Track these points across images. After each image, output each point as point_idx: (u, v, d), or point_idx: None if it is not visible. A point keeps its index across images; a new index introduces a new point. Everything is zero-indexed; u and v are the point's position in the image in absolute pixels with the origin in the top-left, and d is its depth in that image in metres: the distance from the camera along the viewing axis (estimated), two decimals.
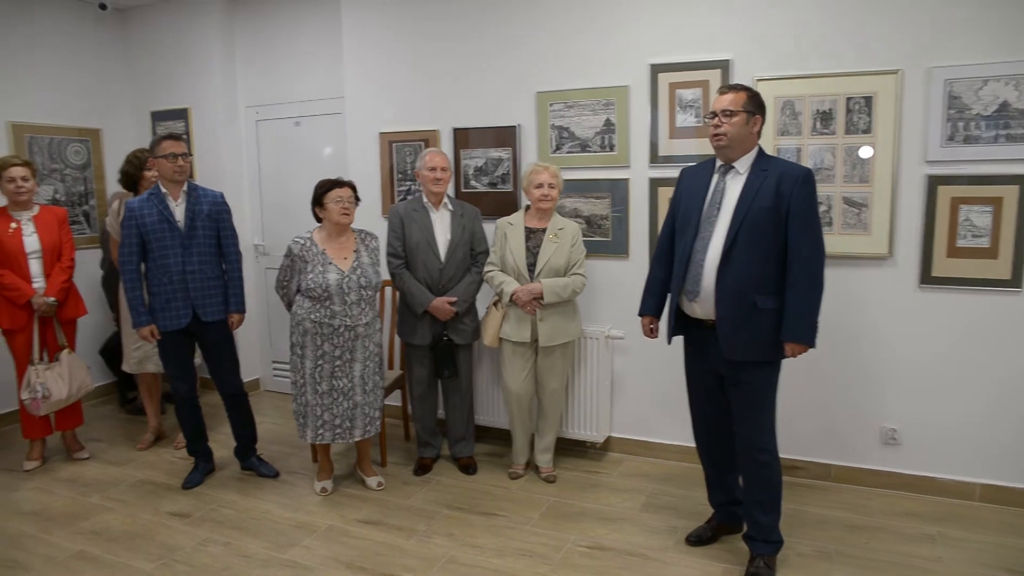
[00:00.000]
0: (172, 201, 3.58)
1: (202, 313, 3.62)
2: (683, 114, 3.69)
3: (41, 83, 4.97)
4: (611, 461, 4.03)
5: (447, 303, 3.69)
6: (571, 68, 3.90)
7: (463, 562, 3.02)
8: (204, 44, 5.14)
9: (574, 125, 3.92)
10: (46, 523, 3.45)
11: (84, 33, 5.23)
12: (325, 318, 3.41)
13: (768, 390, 2.75)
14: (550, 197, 3.56)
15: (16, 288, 3.85)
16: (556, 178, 3.58)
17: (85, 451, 4.28)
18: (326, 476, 3.74)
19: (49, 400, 3.90)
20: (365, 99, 4.50)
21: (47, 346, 4.02)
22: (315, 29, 4.88)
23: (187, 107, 5.27)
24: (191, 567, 3.03)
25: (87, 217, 5.30)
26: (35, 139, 4.96)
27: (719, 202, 2.71)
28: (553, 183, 3.56)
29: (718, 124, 2.66)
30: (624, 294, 3.90)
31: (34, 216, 3.97)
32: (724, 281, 2.64)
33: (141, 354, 4.24)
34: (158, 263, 3.55)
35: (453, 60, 4.19)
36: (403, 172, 4.43)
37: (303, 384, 3.49)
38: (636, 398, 4.03)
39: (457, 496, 3.64)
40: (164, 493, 3.75)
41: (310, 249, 3.44)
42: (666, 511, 3.43)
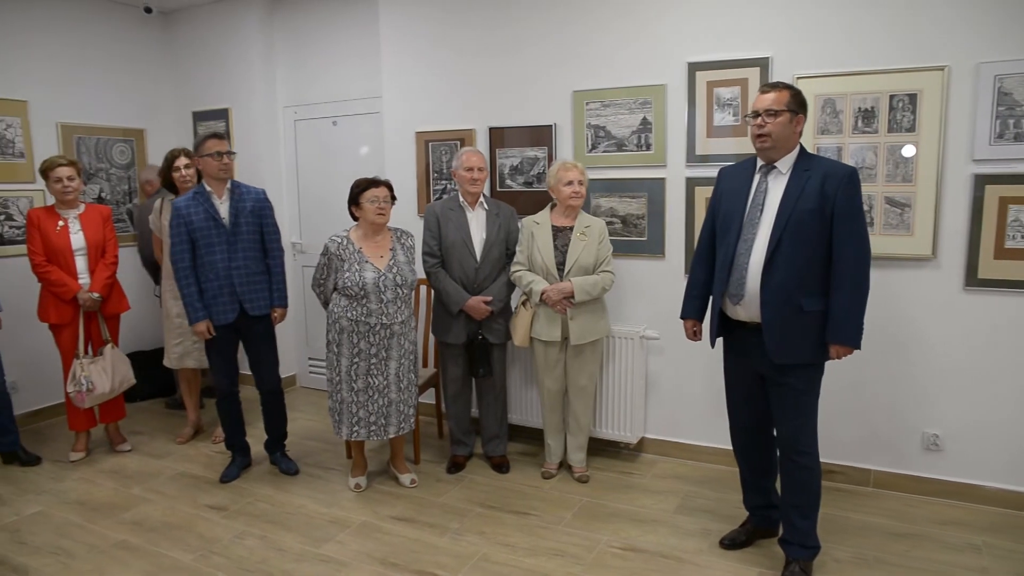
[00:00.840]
0: (217, 199, 3.65)
1: (249, 307, 3.68)
2: (721, 113, 3.64)
3: (88, 85, 5.10)
4: (645, 462, 4.00)
5: (483, 302, 3.69)
6: (608, 67, 3.88)
7: (495, 560, 3.02)
8: (244, 46, 5.23)
9: (610, 124, 3.90)
10: (90, 513, 3.54)
11: (129, 36, 5.36)
12: (361, 316, 3.44)
13: (811, 392, 2.70)
14: (580, 194, 3.55)
15: (63, 284, 3.96)
16: (584, 175, 3.57)
17: (127, 443, 4.38)
18: (360, 472, 3.78)
19: (93, 393, 4.00)
20: (402, 98, 4.54)
21: (91, 340, 4.12)
22: (353, 30, 4.93)
23: (227, 107, 5.36)
24: (228, 559, 3.08)
25: (131, 215, 5.43)
26: (83, 139, 5.09)
27: (761, 203, 2.66)
28: (582, 180, 3.55)
29: (761, 124, 2.61)
30: (659, 294, 3.87)
31: (80, 214, 4.07)
32: (769, 284, 2.60)
33: (181, 350, 4.33)
34: (204, 260, 3.62)
35: (489, 59, 4.20)
36: (439, 171, 4.45)
37: (339, 381, 3.53)
38: (670, 399, 4.00)
39: (490, 494, 3.65)
40: (202, 486, 3.82)
41: (347, 248, 3.47)
42: (700, 513, 3.39)
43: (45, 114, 4.84)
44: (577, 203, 3.56)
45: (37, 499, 3.70)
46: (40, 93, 4.81)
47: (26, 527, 3.40)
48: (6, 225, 4.65)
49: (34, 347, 4.64)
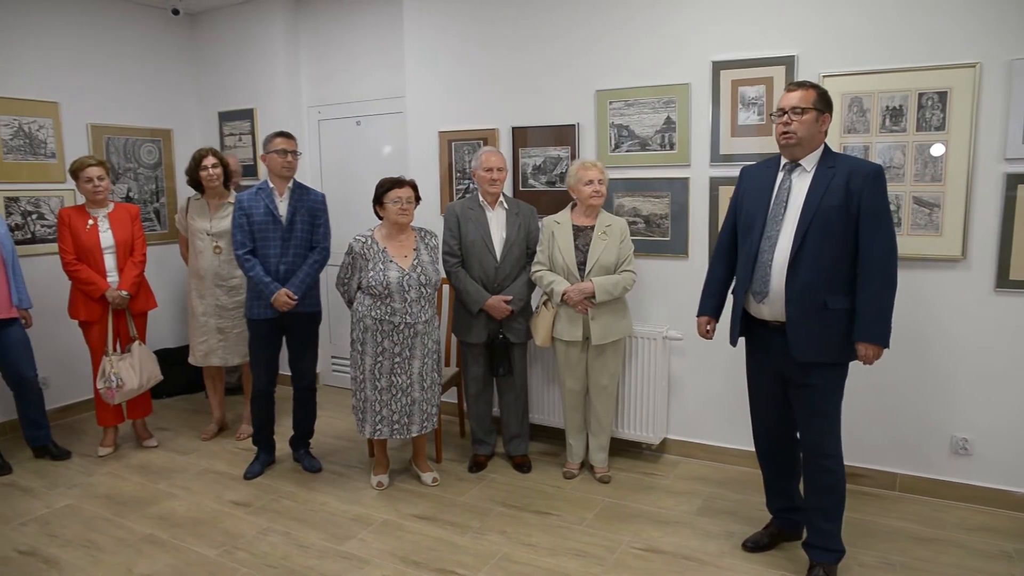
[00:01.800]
0: (277, 196, 3.72)
1: (297, 303, 3.72)
2: (745, 112, 3.61)
3: (117, 86, 5.18)
4: (667, 463, 3.98)
5: (503, 302, 3.69)
6: (631, 66, 3.86)
7: (516, 560, 3.02)
8: (269, 46, 5.28)
9: (634, 123, 3.88)
10: (118, 507, 3.59)
11: (157, 38, 5.43)
12: (386, 315, 3.46)
13: (835, 393, 2.67)
14: (600, 193, 3.54)
15: (92, 282, 4.02)
16: (604, 175, 3.56)
17: (153, 439, 4.44)
18: (382, 471, 3.80)
19: (122, 389, 4.06)
20: (425, 98, 4.55)
21: (120, 338, 4.19)
22: (376, 30, 4.96)
23: (252, 107, 5.41)
24: (251, 555, 3.11)
25: (158, 214, 5.50)
26: (112, 140, 5.17)
27: (785, 201, 2.64)
28: (602, 179, 3.54)
29: (788, 122, 2.59)
30: (683, 294, 3.85)
31: (109, 213, 4.14)
32: (793, 281, 2.58)
33: (206, 348, 4.38)
34: (258, 254, 3.69)
35: (513, 59, 4.20)
36: (462, 170, 4.47)
37: (363, 380, 3.55)
38: (693, 400, 3.97)
39: (511, 494, 3.65)
40: (226, 482, 3.87)
41: (371, 247, 3.49)
42: (723, 515, 3.36)
43: (76, 115, 4.93)
44: (597, 202, 3.55)
45: (67, 492, 3.77)
46: (71, 95, 4.89)
47: (56, 520, 3.47)
48: (38, 224, 4.74)
49: (64, 344, 4.73)
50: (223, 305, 4.29)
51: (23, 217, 4.66)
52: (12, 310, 3.94)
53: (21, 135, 4.64)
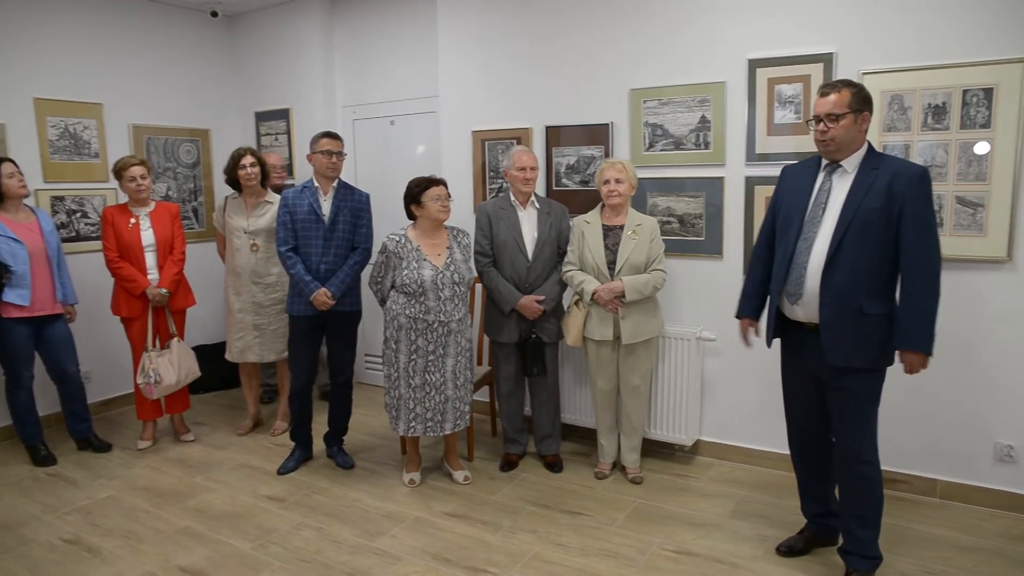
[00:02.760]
0: (322, 195, 3.77)
1: (336, 303, 3.76)
2: (782, 110, 3.56)
3: (158, 88, 5.29)
4: (700, 465, 3.94)
5: (535, 302, 3.69)
6: (666, 64, 3.83)
7: (547, 559, 3.02)
8: (305, 47, 5.34)
9: (668, 122, 3.85)
10: (156, 499, 3.67)
11: (196, 40, 5.53)
12: (420, 313, 3.48)
13: (871, 398, 2.62)
14: (617, 192, 3.51)
15: (133, 279, 4.11)
16: (623, 173, 3.52)
17: (191, 434, 4.53)
18: (414, 468, 3.82)
19: (160, 385, 4.14)
20: (459, 98, 4.57)
21: (159, 334, 4.27)
22: (411, 30, 4.99)
23: (288, 107, 5.48)
24: (285, 549, 3.16)
25: (196, 213, 5.61)
26: (152, 139, 5.28)
27: (824, 202, 2.59)
28: (620, 178, 3.51)
29: (824, 130, 2.53)
30: (717, 295, 3.81)
31: (151, 212, 4.23)
32: (829, 284, 2.53)
33: (242, 344, 4.44)
34: (300, 252, 3.75)
35: (546, 58, 4.19)
36: (495, 169, 4.47)
37: (396, 378, 3.57)
38: (727, 402, 3.93)
39: (542, 493, 3.65)
40: (261, 477, 3.92)
41: (405, 246, 3.52)
42: (756, 519, 3.32)
43: (118, 116, 5.04)
44: (615, 202, 3.53)
45: (108, 484, 3.86)
46: (114, 96, 5.00)
47: (98, 510, 3.55)
48: (82, 222, 4.86)
49: (107, 339, 4.84)
50: (259, 302, 4.35)
51: (68, 216, 4.79)
52: (57, 306, 4.05)
53: (67, 136, 4.76)
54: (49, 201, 4.67)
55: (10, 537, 3.31)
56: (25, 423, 4.11)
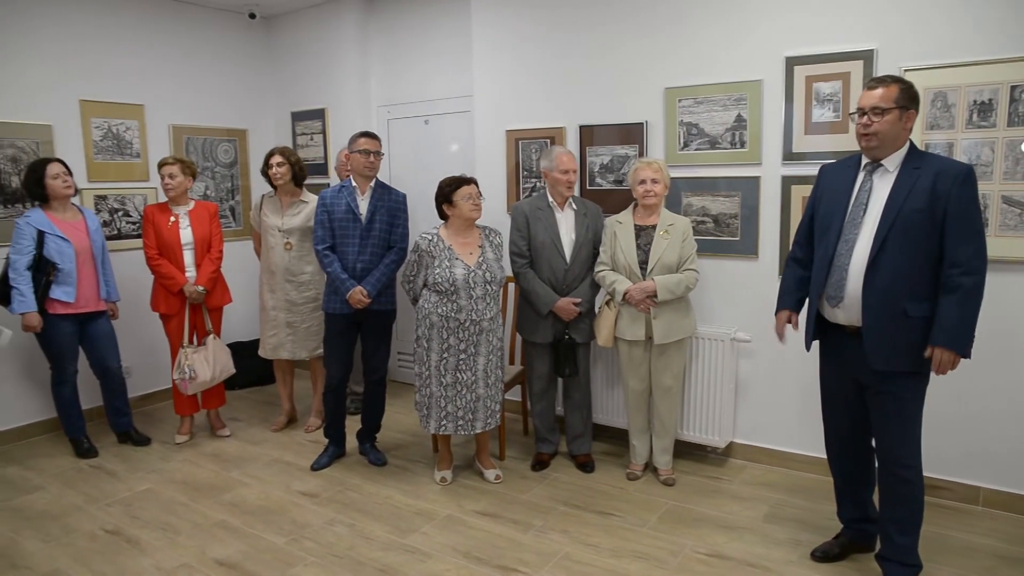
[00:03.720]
0: (359, 195, 3.81)
1: (372, 301, 3.80)
2: (820, 109, 3.50)
3: (197, 88, 5.39)
4: (733, 467, 3.90)
5: (572, 304, 3.68)
6: (701, 63, 3.80)
7: (578, 560, 3.01)
8: (341, 48, 5.40)
9: (703, 121, 3.82)
10: (193, 492, 3.74)
11: (234, 41, 5.62)
12: (451, 312, 3.49)
13: (915, 402, 2.56)
14: (653, 193, 3.49)
15: (171, 277, 4.19)
16: (659, 173, 3.49)
17: (226, 429, 4.60)
18: (446, 466, 3.84)
19: (195, 381, 4.21)
20: (493, 97, 4.58)
21: (196, 331, 4.35)
22: (445, 30, 5.01)
23: (324, 107, 5.55)
24: (318, 544, 3.19)
25: (233, 212, 5.70)
26: (191, 139, 5.38)
27: (865, 202, 2.54)
28: (656, 179, 3.49)
29: (868, 123, 2.47)
30: (752, 296, 3.76)
31: (190, 211, 4.31)
32: (871, 287, 2.48)
33: (275, 341, 4.50)
34: (337, 251, 3.80)
35: (581, 57, 4.18)
36: (529, 169, 4.47)
37: (428, 376, 3.59)
38: (761, 404, 3.88)
39: (574, 493, 3.63)
40: (295, 473, 3.97)
41: (437, 245, 3.53)
42: (790, 523, 3.27)
43: (159, 116, 5.14)
44: (651, 202, 3.50)
45: (147, 477, 3.94)
46: (155, 97, 5.11)
47: (137, 502, 3.63)
48: (123, 221, 4.97)
49: (147, 335, 4.95)
50: (292, 300, 4.41)
51: (110, 214, 4.90)
52: (101, 303, 4.15)
53: (110, 136, 4.87)
54: (93, 200, 4.78)
55: (55, 526, 3.41)
56: (69, 416, 4.22)
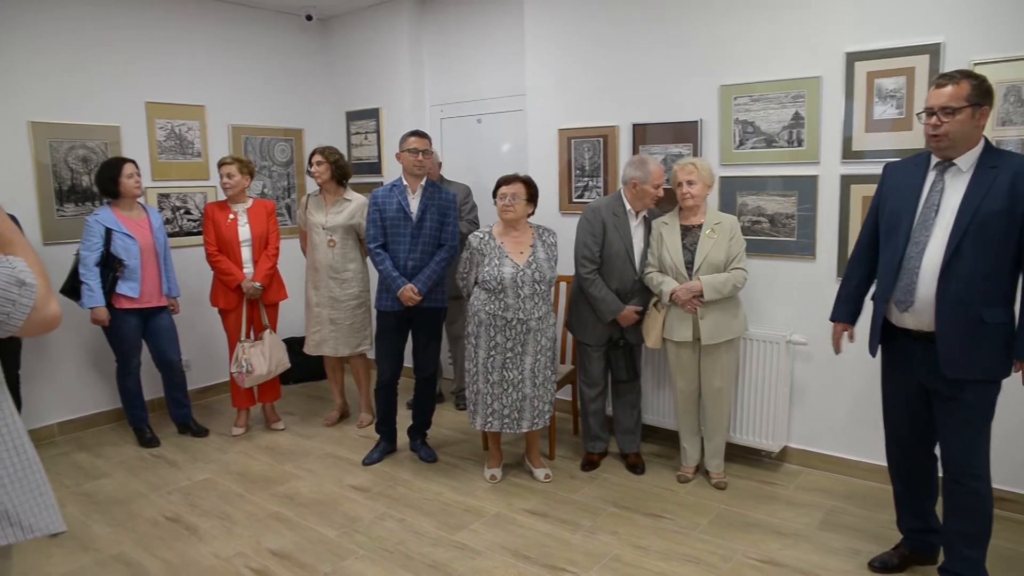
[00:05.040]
0: (410, 193, 3.86)
1: (422, 299, 3.84)
2: (882, 105, 3.40)
3: (255, 89, 5.52)
4: (787, 473, 3.82)
5: (634, 312, 3.67)
6: (758, 60, 3.72)
7: (627, 561, 2.99)
8: (395, 48, 5.46)
9: (759, 119, 3.74)
10: (249, 484, 3.83)
11: (291, 43, 5.74)
12: (499, 310, 3.50)
13: (986, 411, 2.46)
14: (691, 194, 3.45)
15: (230, 273, 4.31)
16: (697, 173, 3.44)
17: (281, 423, 4.71)
18: (495, 464, 3.85)
19: (252, 375, 4.32)
20: (545, 96, 4.57)
21: (253, 326, 4.46)
22: (498, 29, 5.02)
23: (378, 107, 5.62)
24: (368, 538, 3.24)
25: (289, 210, 5.82)
26: (249, 139, 5.51)
27: (937, 204, 2.43)
28: (693, 180, 3.44)
29: (937, 124, 2.36)
30: (808, 297, 3.68)
31: (248, 208, 4.41)
32: (945, 292, 2.37)
33: (318, 338, 4.57)
34: (389, 249, 3.85)
35: (634, 55, 4.14)
36: (581, 168, 4.45)
37: (476, 373, 3.61)
38: (818, 408, 3.79)
39: (623, 495, 3.61)
40: (346, 467, 4.04)
41: (488, 243, 3.55)
42: (847, 531, 3.19)
43: (219, 117, 5.28)
44: (690, 204, 3.47)
45: (205, 467, 4.06)
46: (215, 97, 5.25)
47: (196, 492, 3.74)
48: (184, 218, 5.12)
49: (206, 330, 5.10)
50: (336, 297, 4.48)
51: (172, 212, 5.05)
52: (163, 298, 4.29)
53: (173, 137, 5.02)
54: (156, 198, 4.94)
55: (121, 511, 3.54)
56: (133, 407, 4.38)
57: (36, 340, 4.35)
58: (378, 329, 4.03)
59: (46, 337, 4.41)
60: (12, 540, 1.39)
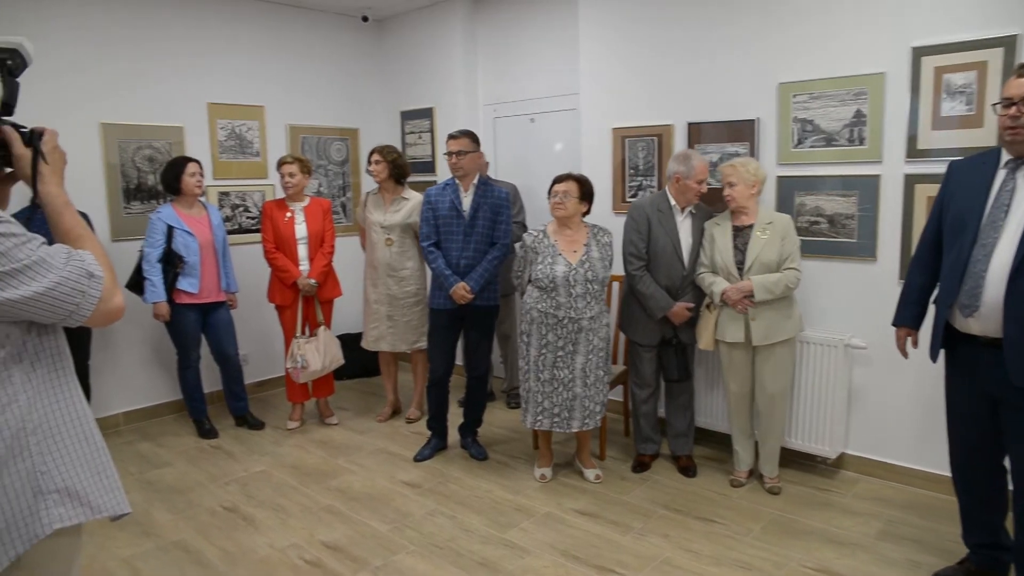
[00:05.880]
0: (462, 192, 3.90)
1: (475, 298, 3.87)
2: (950, 101, 3.28)
3: (312, 89, 5.62)
4: (844, 480, 3.72)
5: (686, 309, 3.62)
6: (819, 56, 3.63)
7: (678, 565, 2.95)
8: (449, 48, 5.50)
9: (819, 117, 3.65)
10: (303, 477, 3.91)
11: (347, 43, 5.83)
12: (550, 308, 3.50)
13: None
14: (731, 196, 3.42)
15: (286, 269, 4.40)
16: (737, 175, 3.40)
17: (334, 417, 4.79)
18: (546, 463, 3.85)
19: (307, 370, 4.41)
20: (599, 95, 4.54)
21: (308, 322, 4.55)
22: (552, 29, 5.02)
23: (432, 106, 5.67)
24: (419, 533, 3.27)
25: (344, 208, 5.92)
26: (306, 139, 5.62)
27: (1007, 204, 2.34)
28: (733, 181, 3.40)
29: (1017, 115, 2.26)
30: (868, 300, 3.58)
31: (305, 207, 4.50)
32: (1015, 297, 2.27)
33: (377, 334, 4.64)
34: (442, 247, 3.90)
35: (690, 53, 4.09)
36: (635, 167, 4.42)
37: (527, 370, 3.62)
38: (877, 415, 3.68)
39: (675, 497, 3.57)
40: (398, 463, 4.09)
41: (542, 241, 3.55)
42: (907, 542, 3.09)
43: (277, 117, 5.41)
44: (732, 206, 3.46)
45: (261, 459, 4.16)
46: (274, 98, 5.37)
47: (252, 483, 3.84)
48: (243, 216, 5.26)
49: (263, 325, 5.23)
50: (393, 294, 4.53)
51: (232, 210, 5.19)
52: (221, 294, 4.41)
53: (233, 136, 5.16)
54: (216, 197, 5.08)
55: (181, 500, 3.65)
56: (192, 399, 4.52)
57: (104, 333, 4.52)
58: (431, 327, 4.07)
59: (112, 330, 4.58)
60: (81, 519, 1.45)
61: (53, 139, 1.51)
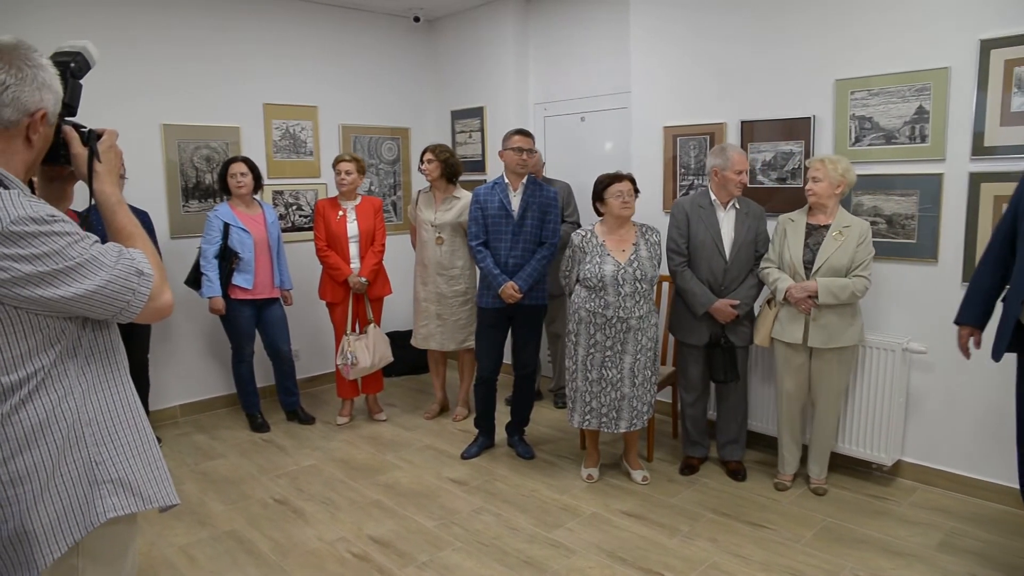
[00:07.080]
0: (511, 191, 3.91)
1: (523, 297, 3.88)
2: (1021, 96, 3.14)
3: (364, 89, 5.70)
4: (900, 488, 3.60)
5: (729, 305, 3.56)
6: (878, 51, 3.53)
7: (726, 570, 2.90)
8: (500, 47, 5.51)
9: (878, 115, 3.55)
10: (352, 471, 3.97)
11: (399, 43, 5.89)
12: (599, 308, 3.48)
13: None
14: (812, 192, 3.33)
15: (337, 267, 4.47)
16: (824, 170, 3.31)
17: (383, 414, 4.84)
18: (593, 464, 3.83)
19: (356, 367, 4.47)
20: (650, 93, 4.50)
21: (358, 319, 4.61)
22: (603, 28, 4.98)
23: (483, 106, 5.69)
24: (465, 531, 3.29)
25: (395, 207, 5.98)
26: (358, 138, 5.70)
27: None
28: (817, 176, 3.32)
29: None
30: (928, 303, 3.46)
31: (356, 205, 4.57)
32: None
33: (426, 332, 4.67)
34: (490, 246, 3.92)
35: (743, 50, 4.01)
36: (686, 166, 4.36)
37: (575, 370, 3.60)
38: (937, 422, 3.55)
39: (723, 501, 3.51)
40: (445, 460, 4.11)
41: (590, 241, 3.53)
42: (969, 556, 2.98)
43: (330, 117, 5.49)
44: (811, 201, 3.37)
45: (311, 454, 4.23)
46: (327, 98, 5.46)
47: (302, 476, 3.91)
48: (296, 214, 5.36)
49: (314, 322, 5.32)
50: (443, 293, 4.56)
51: (285, 208, 5.30)
52: (275, 290, 4.50)
53: (287, 136, 5.26)
54: (271, 195, 5.19)
55: (233, 491, 3.74)
56: (246, 393, 4.62)
57: (162, 328, 4.66)
58: (479, 325, 4.09)
59: (170, 324, 4.72)
60: (133, 509, 1.50)
61: (110, 139, 1.55)
